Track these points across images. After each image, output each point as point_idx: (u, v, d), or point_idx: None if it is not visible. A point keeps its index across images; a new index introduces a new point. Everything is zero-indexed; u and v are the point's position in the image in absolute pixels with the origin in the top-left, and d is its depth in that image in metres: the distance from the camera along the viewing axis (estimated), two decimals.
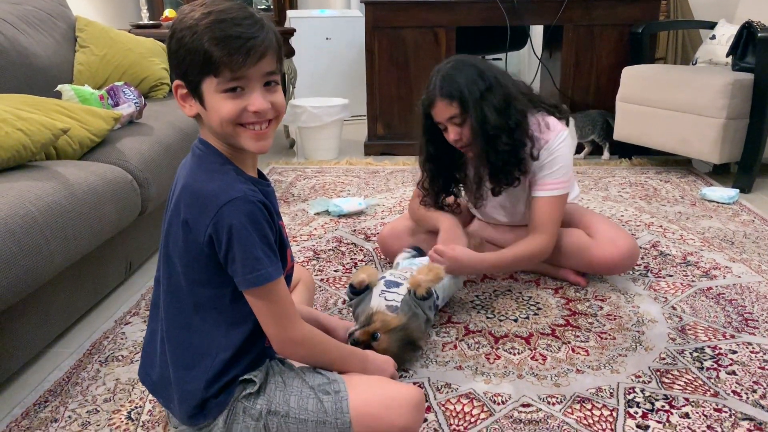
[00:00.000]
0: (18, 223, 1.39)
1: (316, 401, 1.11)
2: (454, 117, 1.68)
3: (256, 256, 1.02)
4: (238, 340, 1.10)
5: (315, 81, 4.40)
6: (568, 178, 1.78)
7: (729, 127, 2.79)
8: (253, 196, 1.03)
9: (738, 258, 2.10)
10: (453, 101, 1.66)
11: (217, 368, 1.09)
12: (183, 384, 1.11)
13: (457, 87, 1.65)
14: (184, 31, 0.99)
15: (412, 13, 3.49)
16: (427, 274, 1.58)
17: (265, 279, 1.04)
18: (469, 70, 1.68)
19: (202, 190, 1.03)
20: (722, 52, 3.22)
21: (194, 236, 1.03)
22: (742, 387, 1.42)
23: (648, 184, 3.00)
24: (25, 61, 2.30)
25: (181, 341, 1.11)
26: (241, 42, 0.97)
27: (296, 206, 2.72)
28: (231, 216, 1.00)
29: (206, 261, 1.05)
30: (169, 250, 1.09)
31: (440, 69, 1.71)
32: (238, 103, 1.01)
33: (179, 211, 1.05)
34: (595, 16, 3.46)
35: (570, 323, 1.70)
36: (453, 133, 1.71)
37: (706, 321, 1.70)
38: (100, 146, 2.01)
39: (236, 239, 1.01)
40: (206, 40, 0.96)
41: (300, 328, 1.11)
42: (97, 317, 1.80)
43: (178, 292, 1.10)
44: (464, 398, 1.39)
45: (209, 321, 1.09)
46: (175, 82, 1.03)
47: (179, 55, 1.00)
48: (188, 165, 1.09)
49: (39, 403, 1.39)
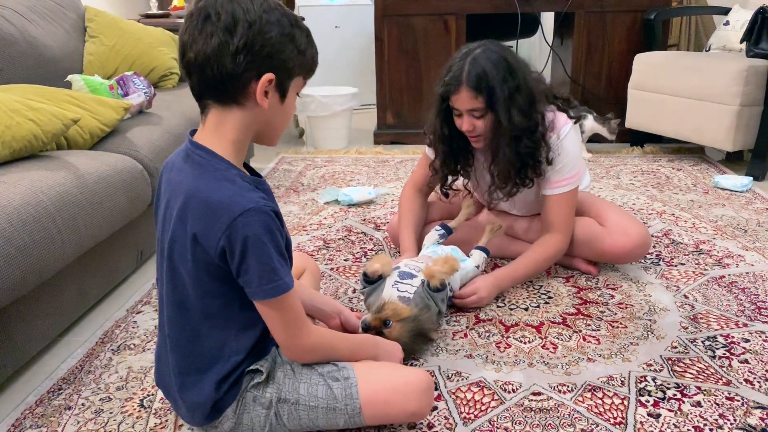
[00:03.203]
0: (30, 213, 1.40)
1: (326, 388, 1.11)
2: (476, 110, 1.63)
3: (273, 267, 1.01)
4: (250, 343, 1.10)
5: (324, 70, 4.30)
6: (576, 172, 1.76)
7: (743, 114, 2.76)
8: (265, 205, 1.01)
9: (751, 246, 2.08)
10: (480, 95, 1.60)
11: (228, 370, 1.09)
12: (192, 389, 1.10)
13: (487, 82, 1.59)
14: (293, 29, 1.02)
15: (422, 1, 3.46)
16: (442, 265, 1.57)
17: (282, 290, 1.03)
18: (501, 65, 1.60)
19: (211, 200, 1.00)
20: (736, 38, 3.18)
21: (204, 248, 1.01)
22: (755, 376, 1.41)
23: (660, 172, 2.97)
24: (36, 52, 2.30)
25: (191, 349, 1.10)
26: None
27: (306, 195, 2.72)
28: (245, 227, 0.98)
29: (216, 272, 1.03)
30: (174, 263, 1.07)
31: (469, 53, 1.63)
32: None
33: (185, 223, 1.02)
34: (607, 2, 3.42)
35: (581, 312, 1.70)
36: (467, 124, 1.66)
37: (718, 309, 1.69)
38: (110, 136, 2.02)
39: (251, 251, 0.99)
40: (313, 45, 1.08)
41: (309, 335, 1.11)
42: (109, 306, 1.81)
43: (186, 303, 1.08)
44: (475, 386, 1.39)
45: (219, 327, 1.09)
46: (268, 74, 1.00)
47: (285, 50, 1.01)
48: (187, 172, 1.05)
49: (53, 391, 1.41)
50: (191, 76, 1.02)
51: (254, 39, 0.98)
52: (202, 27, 0.98)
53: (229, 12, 0.97)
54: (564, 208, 1.76)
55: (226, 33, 0.97)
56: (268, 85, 1.01)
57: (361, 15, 4.38)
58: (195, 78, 1.02)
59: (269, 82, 1.01)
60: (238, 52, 0.97)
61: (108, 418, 1.31)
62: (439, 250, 1.75)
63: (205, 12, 0.98)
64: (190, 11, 1.02)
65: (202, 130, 1.07)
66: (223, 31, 0.97)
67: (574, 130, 1.77)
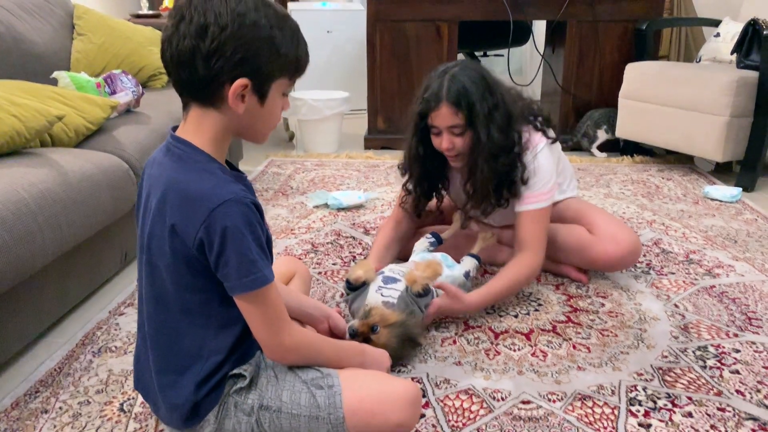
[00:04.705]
0: (10, 210, 1.36)
1: (309, 396, 1.08)
2: (456, 126, 1.61)
3: (252, 258, 0.98)
4: (229, 342, 1.07)
5: (315, 74, 4.35)
6: (548, 190, 1.71)
7: (733, 125, 2.76)
8: (244, 197, 0.99)
9: (741, 256, 2.07)
10: (460, 111, 1.59)
11: (208, 370, 1.06)
12: (171, 390, 1.07)
13: (467, 98, 1.58)
14: (272, 31, 0.98)
15: (415, 7, 3.45)
16: (424, 270, 1.54)
17: (261, 282, 1.00)
18: (480, 83, 1.60)
19: (190, 191, 0.98)
20: (726, 49, 3.20)
21: (182, 240, 0.99)
22: (746, 386, 1.39)
23: (650, 181, 2.97)
24: (22, 48, 2.27)
25: (170, 347, 1.07)
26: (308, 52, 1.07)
27: (295, 199, 2.69)
28: (224, 218, 0.96)
29: (195, 265, 1.01)
30: (153, 257, 1.04)
31: (447, 71, 1.62)
32: (284, 102, 1.07)
33: (164, 215, 1.00)
34: (599, 12, 3.43)
35: (571, 320, 1.68)
36: (447, 141, 1.64)
37: (709, 319, 1.68)
38: (96, 134, 1.99)
39: (230, 242, 0.96)
40: (298, 44, 1.03)
41: (291, 333, 1.08)
42: (91, 307, 1.78)
43: (164, 298, 1.05)
44: (463, 394, 1.37)
45: (198, 324, 1.06)
46: (241, 80, 0.97)
47: (260, 55, 0.97)
48: (167, 165, 1.03)
49: (29, 394, 1.37)
50: (170, 74, 1.01)
51: (225, 43, 0.94)
52: (177, 27, 0.95)
53: (202, 14, 0.94)
54: (536, 226, 1.71)
55: (197, 37, 0.94)
56: (243, 89, 0.98)
57: (354, 20, 4.37)
58: (173, 78, 1.01)
59: (243, 87, 0.98)
60: (209, 56, 0.95)
61: (86, 423, 1.28)
62: (428, 257, 1.73)
63: (180, 13, 0.96)
64: (170, 10, 1.00)
65: (183, 125, 1.05)
66: (194, 34, 0.94)
67: (548, 148, 1.73)
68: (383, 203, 2.63)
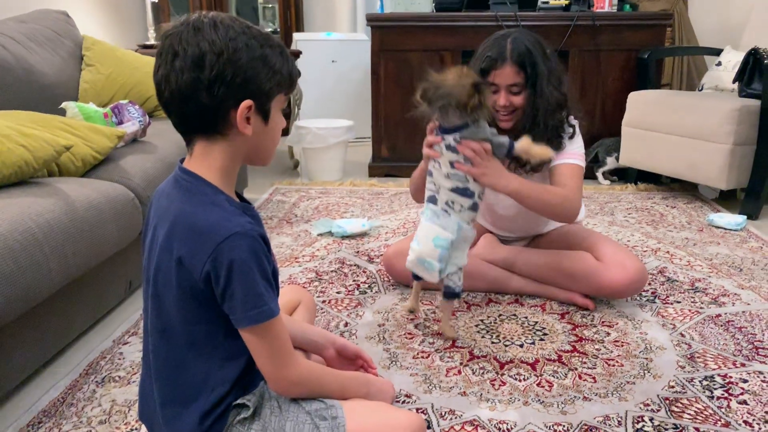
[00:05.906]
0: (17, 240, 1.37)
1: (313, 427, 1.07)
2: (515, 85, 1.75)
3: (258, 292, 0.99)
4: (234, 374, 1.07)
5: (320, 103, 4.41)
6: (583, 153, 1.84)
7: (736, 152, 2.77)
8: (251, 229, 0.99)
9: (747, 285, 2.06)
10: (522, 71, 1.73)
11: (212, 402, 1.05)
12: (176, 422, 1.06)
13: (531, 59, 1.73)
14: (264, 50, 0.99)
15: (418, 37, 3.50)
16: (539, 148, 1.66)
17: (267, 316, 1.00)
18: (538, 46, 1.76)
19: (197, 223, 0.99)
20: (728, 78, 3.22)
21: (189, 272, 0.99)
22: (754, 417, 1.38)
23: (654, 209, 2.97)
24: (31, 79, 2.30)
25: (175, 379, 1.06)
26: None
27: (299, 227, 2.70)
28: (231, 251, 0.96)
29: (201, 298, 1.00)
30: (159, 290, 1.04)
31: (508, 35, 1.76)
32: (281, 118, 1.09)
33: (171, 248, 1.00)
34: (601, 41, 3.47)
35: (577, 349, 1.67)
36: (504, 99, 1.76)
37: (715, 349, 1.67)
38: (103, 164, 2.00)
39: (237, 275, 0.97)
40: (288, 60, 1.04)
41: (297, 367, 1.07)
42: (95, 336, 1.77)
43: (170, 330, 1.05)
44: (468, 425, 1.35)
45: (203, 356, 1.05)
46: (246, 102, 0.98)
47: (259, 74, 0.99)
48: (175, 197, 1.03)
49: (32, 424, 1.36)
50: (171, 114, 1.01)
51: (224, 69, 0.96)
52: (172, 64, 0.96)
53: (195, 45, 0.95)
54: (574, 178, 1.79)
55: (196, 68, 0.95)
56: (249, 111, 1.00)
57: (358, 50, 4.42)
58: (175, 116, 1.01)
59: (248, 108, 0.99)
60: (211, 85, 0.96)
61: None
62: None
63: (173, 49, 0.96)
64: (158, 49, 1.00)
65: (189, 159, 1.06)
66: (192, 66, 0.95)
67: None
68: (387, 231, 2.63)
